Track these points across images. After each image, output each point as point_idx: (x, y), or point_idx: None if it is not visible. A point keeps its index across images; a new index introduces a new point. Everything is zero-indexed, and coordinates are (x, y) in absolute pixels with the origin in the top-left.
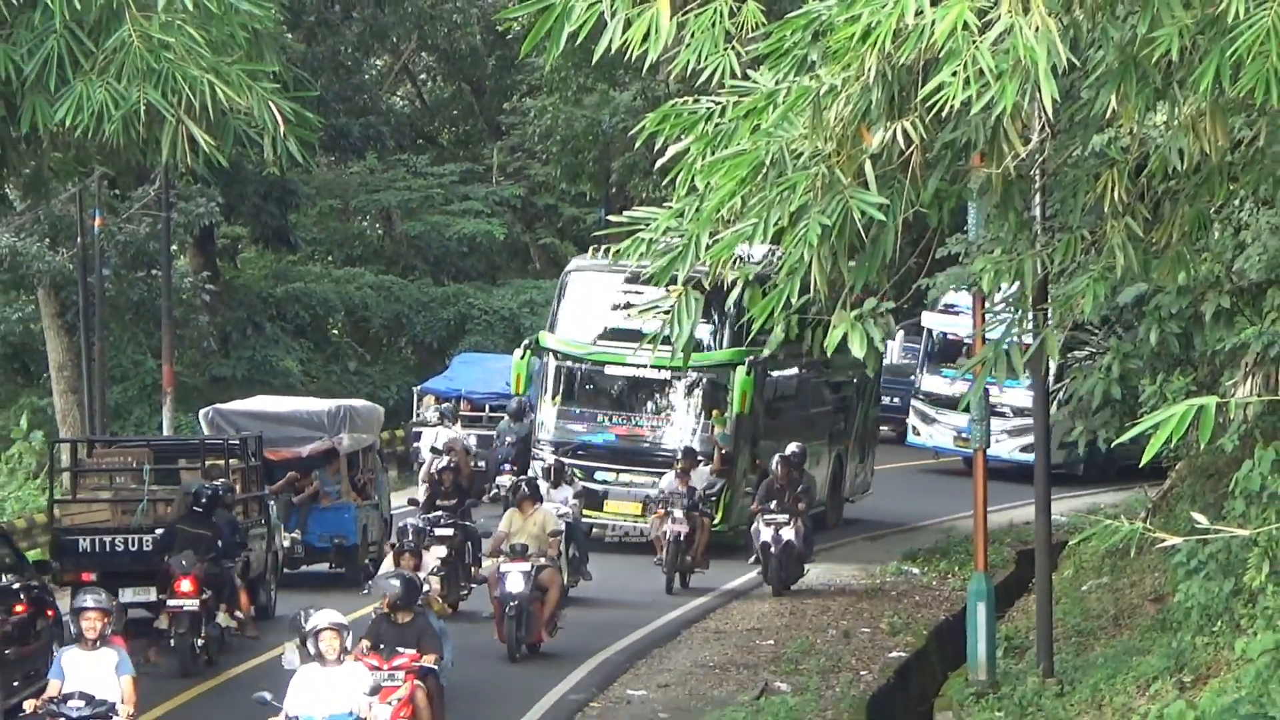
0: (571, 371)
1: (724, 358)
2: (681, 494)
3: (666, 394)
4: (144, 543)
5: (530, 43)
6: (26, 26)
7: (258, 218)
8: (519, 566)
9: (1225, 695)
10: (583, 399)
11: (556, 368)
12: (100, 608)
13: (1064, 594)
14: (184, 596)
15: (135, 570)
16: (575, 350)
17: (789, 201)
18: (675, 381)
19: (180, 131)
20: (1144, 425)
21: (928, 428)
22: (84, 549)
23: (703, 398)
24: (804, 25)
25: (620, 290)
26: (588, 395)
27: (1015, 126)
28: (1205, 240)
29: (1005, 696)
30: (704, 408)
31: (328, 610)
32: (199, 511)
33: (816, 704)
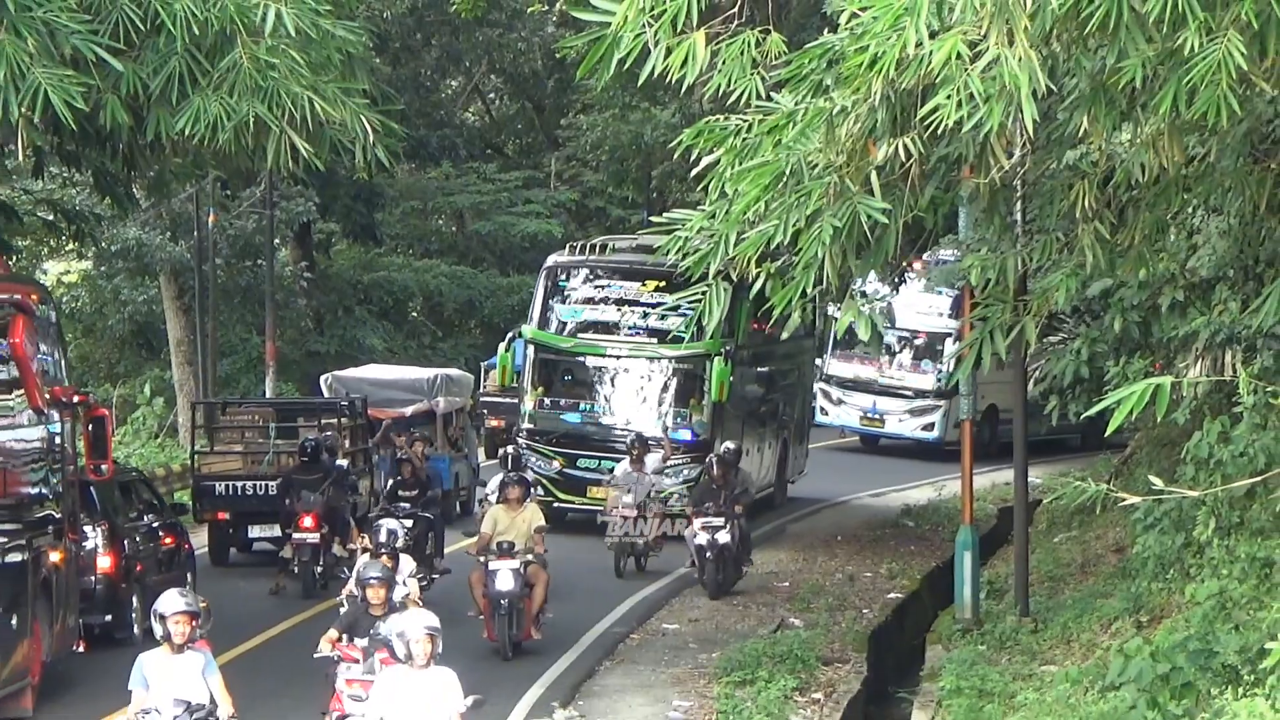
0: (553, 363)
1: (701, 348)
2: (635, 479)
3: (646, 383)
4: (269, 488)
5: (585, 68)
6: (152, 49)
7: (349, 216)
8: (508, 564)
9: (1177, 633)
10: (564, 389)
11: (539, 359)
12: (189, 610)
13: (1038, 545)
14: (306, 531)
15: (262, 510)
16: (556, 342)
17: (805, 206)
18: (654, 371)
19: (283, 140)
20: (1109, 401)
21: (835, 408)
22: (219, 493)
23: (681, 387)
24: (820, 54)
25: (599, 283)
26: (569, 385)
27: (1000, 143)
28: (1163, 242)
29: (987, 633)
30: (682, 396)
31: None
32: (308, 461)
33: (825, 637)
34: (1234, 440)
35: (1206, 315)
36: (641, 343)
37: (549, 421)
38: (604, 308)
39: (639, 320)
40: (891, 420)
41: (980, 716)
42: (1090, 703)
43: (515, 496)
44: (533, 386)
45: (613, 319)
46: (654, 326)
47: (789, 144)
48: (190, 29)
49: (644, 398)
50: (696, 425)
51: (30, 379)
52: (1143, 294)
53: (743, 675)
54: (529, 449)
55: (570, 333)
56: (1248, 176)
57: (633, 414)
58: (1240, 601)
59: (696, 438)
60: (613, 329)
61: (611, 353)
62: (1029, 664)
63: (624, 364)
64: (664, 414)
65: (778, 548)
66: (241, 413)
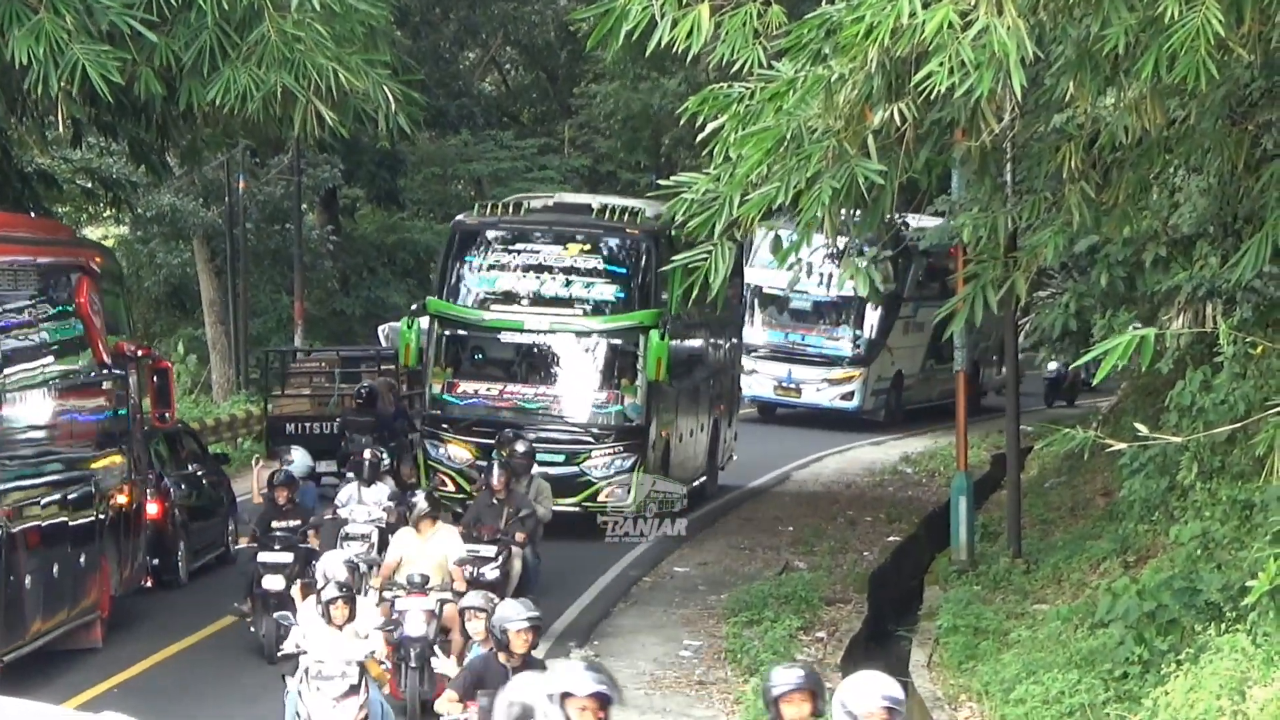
0: (463, 339)
1: (635, 320)
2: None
3: (570, 361)
4: (333, 427)
5: (595, 39)
6: (183, 24)
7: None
8: (419, 603)
9: (1161, 572)
10: (476, 369)
11: (446, 335)
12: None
13: (1030, 490)
14: None
15: (327, 448)
16: (466, 315)
17: (805, 169)
18: (580, 348)
19: (309, 110)
20: (1096, 351)
21: (747, 378)
22: (290, 431)
23: (611, 364)
24: (818, 24)
25: (514, 248)
26: (481, 365)
27: (990, 108)
28: (1146, 201)
29: (982, 573)
30: (613, 375)
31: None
32: (362, 404)
33: (828, 579)
34: (1215, 389)
35: (1188, 270)
36: (565, 315)
37: (458, 407)
38: (520, 275)
39: (561, 289)
40: (809, 390)
41: (975, 653)
42: (1080, 639)
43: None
44: (439, 367)
45: (531, 288)
46: (579, 296)
47: (789, 110)
48: (220, 4)
49: (569, 378)
50: (630, 408)
51: (94, 334)
52: (1127, 250)
53: (750, 615)
54: (435, 438)
55: (482, 304)
56: (1226, 138)
57: (556, 396)
58: (1222, 542)
59: (629, 422)
60: (531, 299)
61: (530, 327)
62: (1022, 603)
63: (545, 339)
64: (603, 396)
65: (782, 493)
66: (310, 361)
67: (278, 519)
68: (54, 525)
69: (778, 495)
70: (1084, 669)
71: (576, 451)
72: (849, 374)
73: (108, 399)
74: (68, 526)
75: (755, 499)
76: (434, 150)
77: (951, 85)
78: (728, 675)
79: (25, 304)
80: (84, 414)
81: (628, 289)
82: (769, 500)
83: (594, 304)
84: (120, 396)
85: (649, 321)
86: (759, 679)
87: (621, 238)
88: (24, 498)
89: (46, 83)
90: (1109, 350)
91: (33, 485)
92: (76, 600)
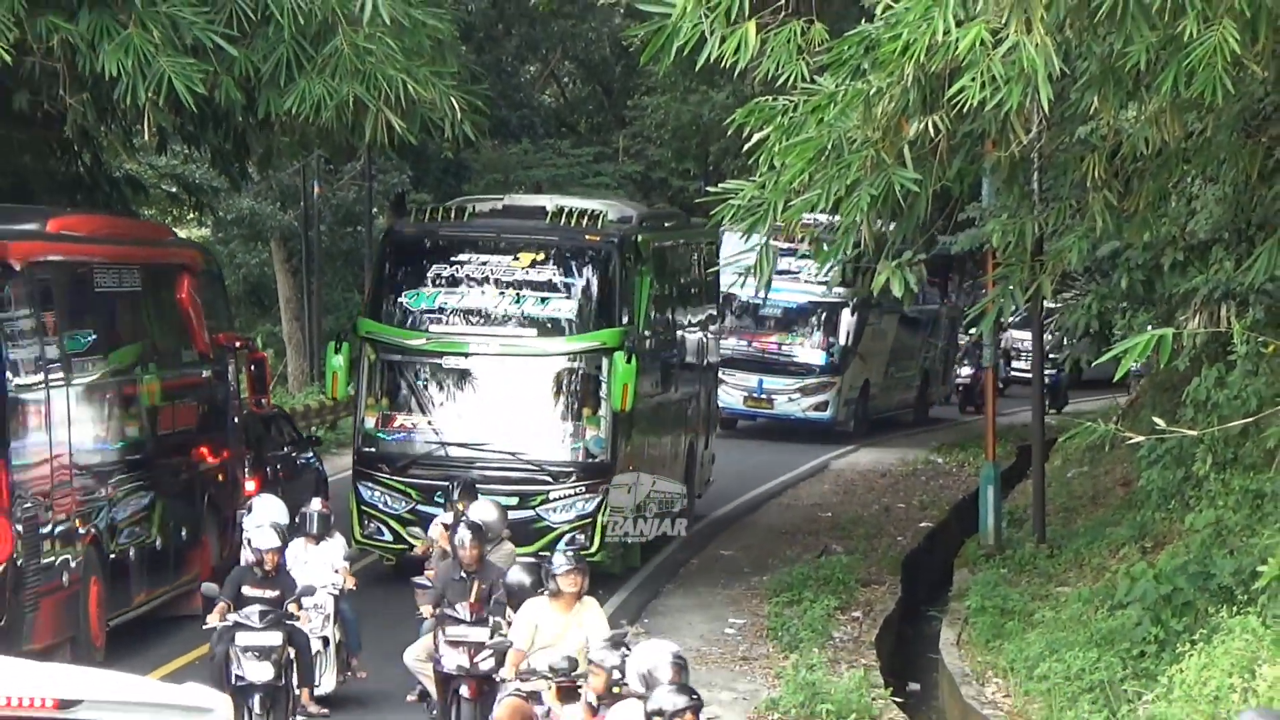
0: (398, 366)
1: (597, 340)
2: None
3: (523, 389)
4: None
5: (648, 54)
6: (262, 37)
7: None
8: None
9: (1177, 558)
10: (414, 400)
11: (381, 361)
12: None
13: (1053, 479)
14: None
15: None
16: (401, 338)
17: (845, 177)
18: (533, 373)
19: (380, 118)
20: (1117, 350)
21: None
22: None
23: (570, 392)
24: (858, 42)
25: (456, 259)
26: (420, 394)
27: (1019, 120)
28: (1164, 208)
29: (1008, 558)
30: (572, 405)
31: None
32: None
33: (864, 562)
34: (1229, 385)
35: (1204, 274)
36: (516, 336)
37: (394, 444)
38: (465, 290)
39: (511, 306)
40: (780, 400)
41: (1002, 633)
42: (1100, 620)
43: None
44: (372, 397)
45: (477, 305)
46: (532, 313)
47: (830, 122)
48: (296, 19)
49: (521, 408)
50: (592, 442)
51: (195, 327)
52: (1147, 255)
53: (791, 595)
54: (369, 480)
55: (420, 325)
56: (1241, 149)
57: (506, 430)
58: (1234, 529)
59: (592, 458)
60: (477, 318)
61: (476, 350)
62: (1045, 585)
63: (493, 364)
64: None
65: (820, 482)
66: None
67: (252, 585)
68: (159, 502)
69: (817, 482)
70: (1103, 648)
71: (531, 493)
72: (823, 383)
73: (208, 386)
74: (171, 504)
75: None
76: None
77: (983, 99)
78: (769, 651)
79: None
80: (186, 399)
81: (588, 305)
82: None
83: (549, 323)
84: (220, 383)
85: (613, 342)
86: (799, 655)
87: (581, 246)
88: (130, 478)
89: (135, 93)
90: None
91: (139, 466)
92: (179, 572)
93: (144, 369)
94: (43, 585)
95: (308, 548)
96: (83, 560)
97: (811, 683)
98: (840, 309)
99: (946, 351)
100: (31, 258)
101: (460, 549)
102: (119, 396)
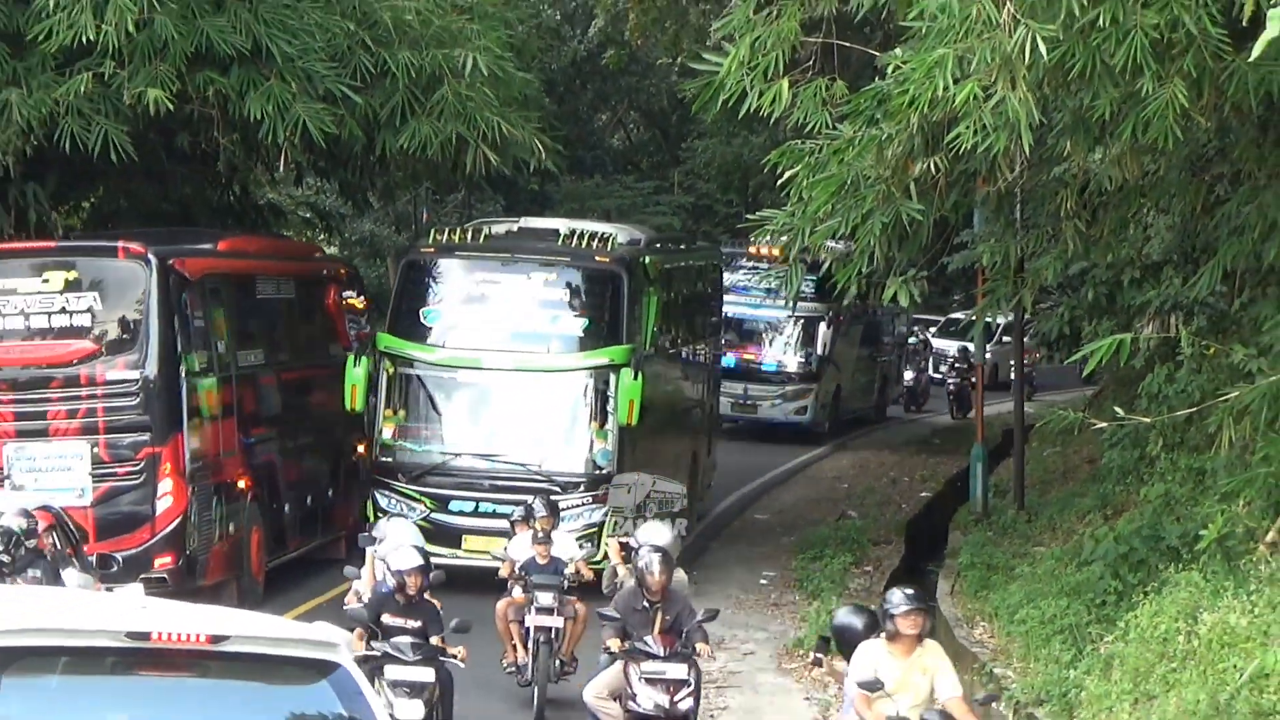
0: (415, 380)
1: (605, 357)
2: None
3: (533, 403)
4: None
5: (699, 105)
6: (381, 88)
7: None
8: None
9: (1133, 523)
10: (432, 412)
11: (399, 375)
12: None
13: (1031, 458)
14: None
15: None
16: (418, 353)
17: (861, 207)
18: (544, 387)
19: (478, 154)
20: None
21: None
22: None
23: (578, 406)
24: (872, 96)
25: (471, 278)
26: (439, 407)
27: (1005, 161)
28: (1124, 234)
29: (993, 522)
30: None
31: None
32: None
33: (874, 525)
34: (1177, 381)
35: (1157, 289)
36: (527, 352)
37: (411, 454)
38: (479, 308)
39: (523, 323)
40: (764, 406)
41: (987, 584)
42: (1069, 574)
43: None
44: (390, 409)
45: (491, 322)
46: (543, 331)
47: (849, 162)
48: (409, 72)
49: (532, 421)
50: (599, 454)
51: (340, 327)
52: (1109, 273)
53: (814, 553)
54: (385, 489)
55: (436, 341)
56: (1188, 186)
57: (517, 442)
58: (1181, 500)
59: (599, 470)
60: (491, 335)
61: (489, 365)
62: (1024, 545)
63: (505, 379)
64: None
65: (839, 458)
66: None
67: (393, 614)
68: (308, 468)
69: (835, 457)
70: (1071, 597)
71: None
72: (802, 389)
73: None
74: (317, 469)
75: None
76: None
77: (975, 143)
78: (796, 599)
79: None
80: (331, 384)
81: (597, 323)
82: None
83: (560, 340)
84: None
85: (620, 359)
86: (820, 602)
87: (591, 266)
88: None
89: (276, 134)
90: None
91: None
92: (325, 525)
93: (295, 359)
94: (212, 534)
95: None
96: (245, 514)
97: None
98: (817, 322)
99: (898, 357)
100: (204, 271)
101: (648, 575)
102: (276, 382)
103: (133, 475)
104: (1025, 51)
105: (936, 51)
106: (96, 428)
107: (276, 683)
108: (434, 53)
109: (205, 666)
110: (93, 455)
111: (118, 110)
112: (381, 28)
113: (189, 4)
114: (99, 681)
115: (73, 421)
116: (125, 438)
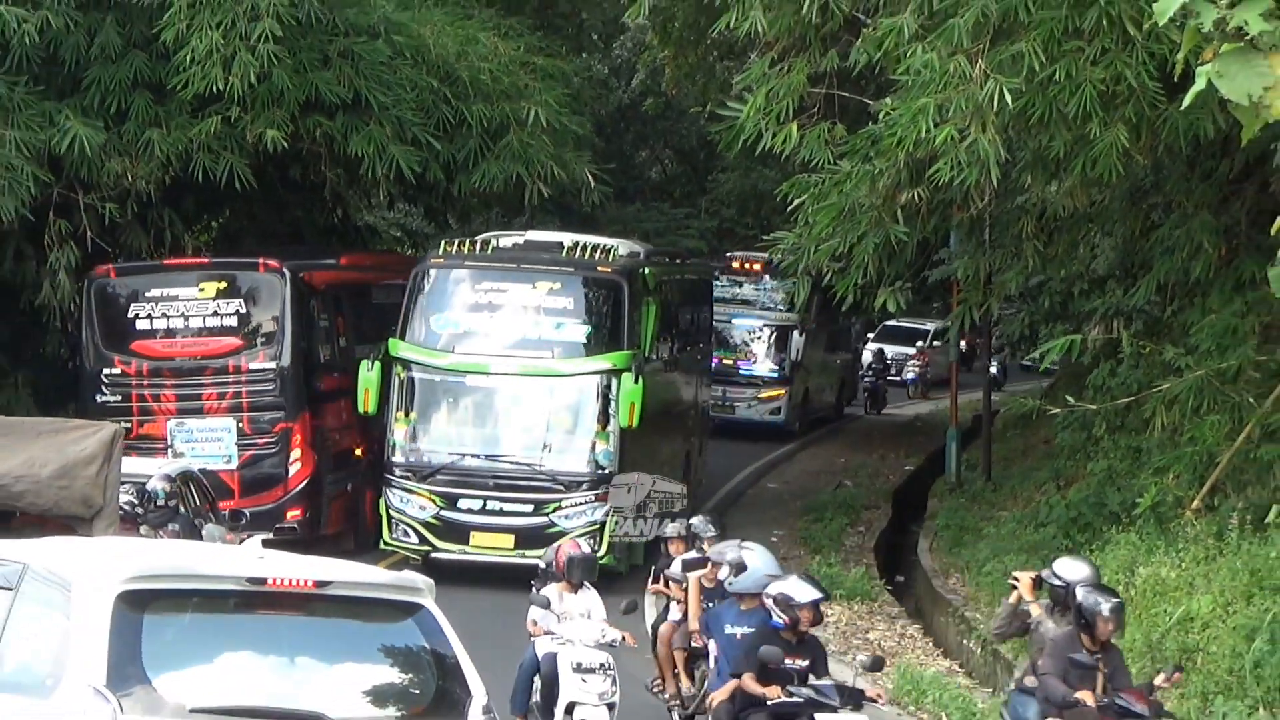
0: (426, 384)
1: (607, 362)
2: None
3: (539, 406)
4: None
5: (724, 144)
6: (458, 135)
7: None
8: None
9: (1081, 493)
10: (442, 415)
11: (411, 379)
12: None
13: (997, 438)
14: None
15: None
16: (429, 358)
17: (857, 230)
18: (548, 391)
19: (536, 187)
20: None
21: None
22: None
23: (582, 409)
24: (866, 137)
25: (480, 287)
26: (448, 410)
27: (976, 192)
28: (1075, 253)
29: (965, 491)
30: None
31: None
32: None
33: (866, 493)
34: (1118, 374)
35: (1102, 298)
36: (533, 357)
37: (421, 454)
38: (487, 315)
39: (529, 330)
40: (741, 407)
41: (960, 542)
42: (1028, 534)
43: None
44: (401, 412)
45: (498, 329)
46: (548, 337)
47: (847, 192)
48: (481, 122)
49: (537, 423)
50: (601, 455)
51: None
52: (1063, 285)
53: (815, 515)
54: (396, 488)
55: (446, 346)
56: (1128, 213)
57: (524, 443)
58: (1121, 474)
59: (601, 470)
60: (498, 341)
61: (497, 370)
62: (990, 510)
63: (512, 383)
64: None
65: (835, 442)
66: None
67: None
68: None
69: (830, 441)
70: (1030, 554)
71: (546, 501)
72: (776, 392)
73: None
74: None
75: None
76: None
77: (952, 177)
78: (801, 554)
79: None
80: None
81: (599, 330)
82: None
83: (564, 346)
84: None
85: (621, 364)
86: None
87: (593, 276)
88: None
89: (373, 169)
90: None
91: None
92: None
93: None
94: (334, 492)
95: (564, 596)
96: (360, 477)
97: (830, 575)
98: (790, 330)
99: (854, 361)
100: (328, 281)
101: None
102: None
103: (270, 445)
104: (994, 101)
105: (920, 101)
106: (241, 407)
107: (371, 621)
108: (503, 106)
109: (311, 607)
110: (238, 429)
111: (241, 147)
112: (460, 84)
113: (302, 60)
114: (223, 619)
115: (222, 402)
116: (264, 415)
